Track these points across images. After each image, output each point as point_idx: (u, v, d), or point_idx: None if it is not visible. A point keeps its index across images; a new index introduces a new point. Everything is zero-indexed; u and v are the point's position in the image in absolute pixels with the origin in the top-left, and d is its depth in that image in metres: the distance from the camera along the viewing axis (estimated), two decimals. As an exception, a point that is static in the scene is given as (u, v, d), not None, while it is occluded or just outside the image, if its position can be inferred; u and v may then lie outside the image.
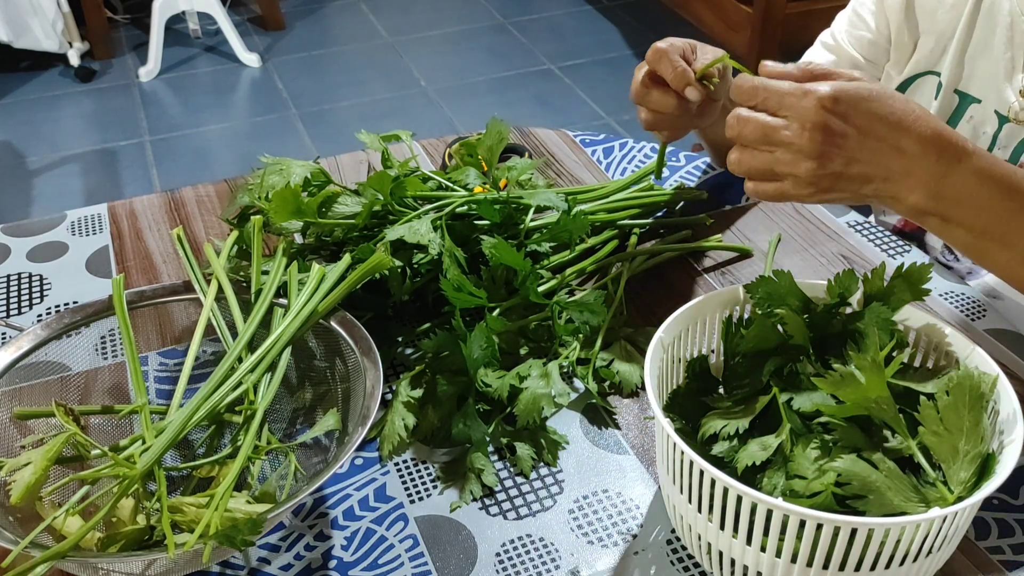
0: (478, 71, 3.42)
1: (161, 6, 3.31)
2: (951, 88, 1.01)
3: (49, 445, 0.67)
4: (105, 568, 0.65)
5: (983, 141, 0.99)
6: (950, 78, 1.01)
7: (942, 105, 1.02)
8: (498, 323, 0.83)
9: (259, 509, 0.65)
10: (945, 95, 1.02)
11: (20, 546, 0.61)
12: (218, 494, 0.64)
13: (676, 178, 1.17)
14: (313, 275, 0.81)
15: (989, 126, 0.99)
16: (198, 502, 0.66)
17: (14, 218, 1.22)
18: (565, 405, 0.85)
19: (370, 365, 0.76)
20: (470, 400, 0.80)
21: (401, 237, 0.86)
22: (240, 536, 0.62)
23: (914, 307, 0.73)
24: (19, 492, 0.64)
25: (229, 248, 0.87)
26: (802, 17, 2.90)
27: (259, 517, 0.63)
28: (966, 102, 1.00)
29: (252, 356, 0.75)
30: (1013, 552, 0.72)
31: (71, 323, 0.80)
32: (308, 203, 0.88)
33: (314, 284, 0.81)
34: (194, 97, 3.28)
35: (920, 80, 1.05)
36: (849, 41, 1.08)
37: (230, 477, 0.66)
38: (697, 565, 0.71)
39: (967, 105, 1.00)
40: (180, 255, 0.85)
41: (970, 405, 0.63)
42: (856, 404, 0.64)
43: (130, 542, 0.67)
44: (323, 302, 0.80)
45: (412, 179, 0.93)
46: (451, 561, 0.72)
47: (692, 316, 0.75)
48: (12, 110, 3.20)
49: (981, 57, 0.98)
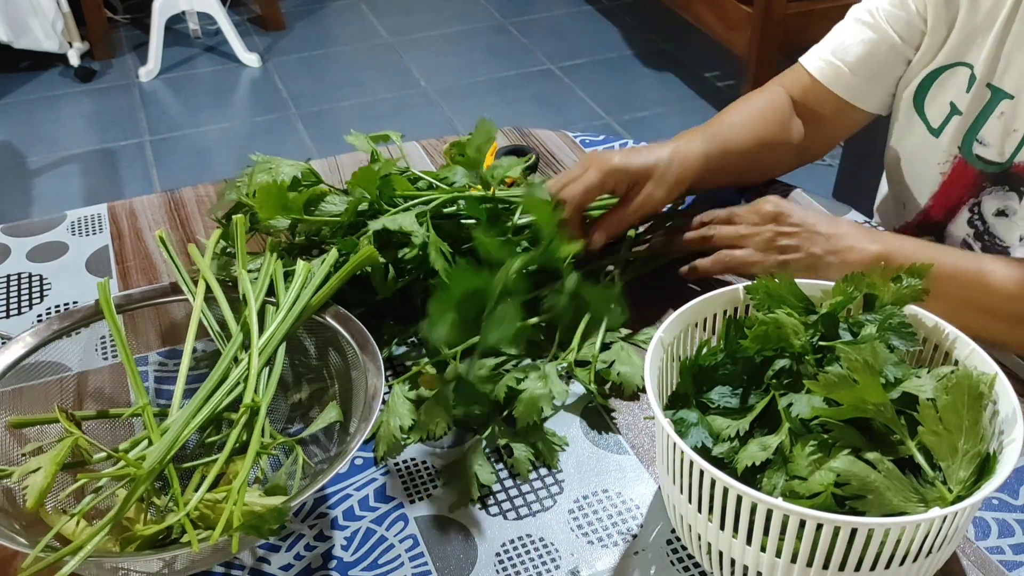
0: (478, 71, 3.42)
1: (161, 6, 3.31)
2: (984, 81, 0.99)
3: (56, 449, 0.67)
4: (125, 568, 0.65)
5: (1013, 138, 0.98)
6: (984, 71, 0.99)
7: (973, 98, 1.00)
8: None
9: (275, 501, 0.65)
10: (978, 88, 0.99)
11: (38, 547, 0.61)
12: (235, 488, 0.64)
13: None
14: (300, 271, 0.81)
15: (1021, 123, 0.97)
16: (212, 498, 0.66)
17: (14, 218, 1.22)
18: (563, 406, 0.85)
19: (369, 359, 0.76)
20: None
21: (384, 227, 0.85)
22: (267, 525, 0.63)
23: (914, 307, 0.73)
24: (34, 496, 0.64)
25: (213, 246, 0.87)
26: (802, 17, 2.90)
27: (283, 505, 0.64)
28: (998, 97, 0.98)
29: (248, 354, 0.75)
30: (1013, 552, 0.72)
31: (60, 329, 0.80)
32: (294, 199, 0.88)
33: (302, 280, 0.81)
34: (194, 97, 3.28)
35: (951, 70, 1.02)
36: (887, 19, 1.05)
37: (245, 470, 0.66)
38: (697, 565, 0.71)
39: (999, 100, 0.98)
40: (165, 257, 0.85)
41: (969, 404, 0.63)
42: (852, 407, 0.64)
43: (146, 543, 0.67)
44: (315, 296, 0.80)
45: (399, 177, 0.93)
46: (451, 561, 0.72)
47: (692, 316, 0.75)
48: (12, 110, 3.20)
49: (1018, 52, 0.96)
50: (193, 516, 0.66)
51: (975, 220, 1.05)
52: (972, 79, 1.00)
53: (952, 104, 1.02)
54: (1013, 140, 0.98)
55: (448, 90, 3.30)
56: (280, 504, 0.64)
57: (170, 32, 3.47)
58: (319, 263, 0.83)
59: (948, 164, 1.05)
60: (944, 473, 0.63)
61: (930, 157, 1.06)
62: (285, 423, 0.81)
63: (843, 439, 0.64)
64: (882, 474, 0.62)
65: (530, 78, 3.37)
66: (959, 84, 1.02)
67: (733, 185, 1.15)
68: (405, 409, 0.81)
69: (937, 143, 1.05)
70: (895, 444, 0.65)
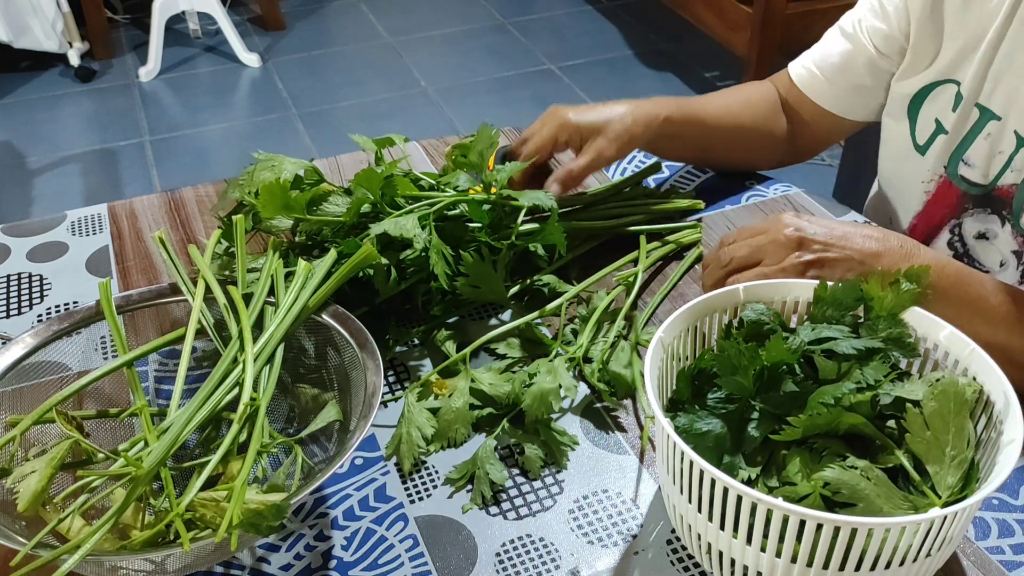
0: (478, 71, 3.42)
1: (161, 6, 3.31)
2: (972, 101, 0.97)
3: (53, 452, 0.67)
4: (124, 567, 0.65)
5: (998, 160, 0.96)
6: (972, 89, 0.96)
7: (960, 117, 0.98)
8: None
9: (274, 498, 0.65)
10: (965, 107, 0.97)
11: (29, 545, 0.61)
12: (236, 486, 0.64)
13: (668, 184, 1.17)
14: (300, 271, 0.81)
15: (1006, 145, 0.95)
16: (212, 497, 0.66)
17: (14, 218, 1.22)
18: (575, 400, 0.85)
19: (369, 358, 0.76)
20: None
21: (386, 232, 0.86)
22: (266, 523, 0.63)
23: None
24: (26, 500, 0.65)
25: (213, 246, 0.87)
26: (802, 17, 2.90)
27: (283, 503, 0.64)
28: (986, 117, 0.96)
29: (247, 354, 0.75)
30: (1013, 552, 0.72)
31: (60, 330, 0.80)
32: (296, 198, 0.88)
33: (302, 280, 0.80)
34: (194, 97, 3.28)
35: (940, 88, 1.00)
36: (868, 31, 1.04)
37: (246, 469, 0.66)
38: (697, 565, 0.71)
39: (986, 120, 0.96)
40: (164, 258, 0.85)
41: (955, 411, 0.64)
42: (829, 423, 0.65)
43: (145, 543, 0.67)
44: (313, 296, 0.80)
45: (402, 179, 0.92)
46: (451, 561, 0.72)
47: (692, 316, 0.75)
48: (12, 110, 3.20)
49: (1006, 73, 0.93)
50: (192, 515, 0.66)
51: (955, 242, 1.04)
52: (959, 97, 0.98)
53: (937, 121, 1.01)
54: (998, 162, 0.96)
55: (448, 90, 3.30)
56: (279, 501, 0.64)
57: (170, 32, 3.47)
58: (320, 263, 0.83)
59: (933, 183, 1.03)
60: (932, 479, 0.63)
61: (915, 174, 1.05)
62: (285, 423, 0.81)
63: (831, 448, 0.65)
64: (872, 482, 0.62)
65: (530, 78, 3.37)
66: (945, 101, 1.00)
67: (710, 165, 1.16)
68: (424, 418, 0.81)
69: (923, 161, 1.03)
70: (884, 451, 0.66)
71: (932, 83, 1.01)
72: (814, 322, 0.73)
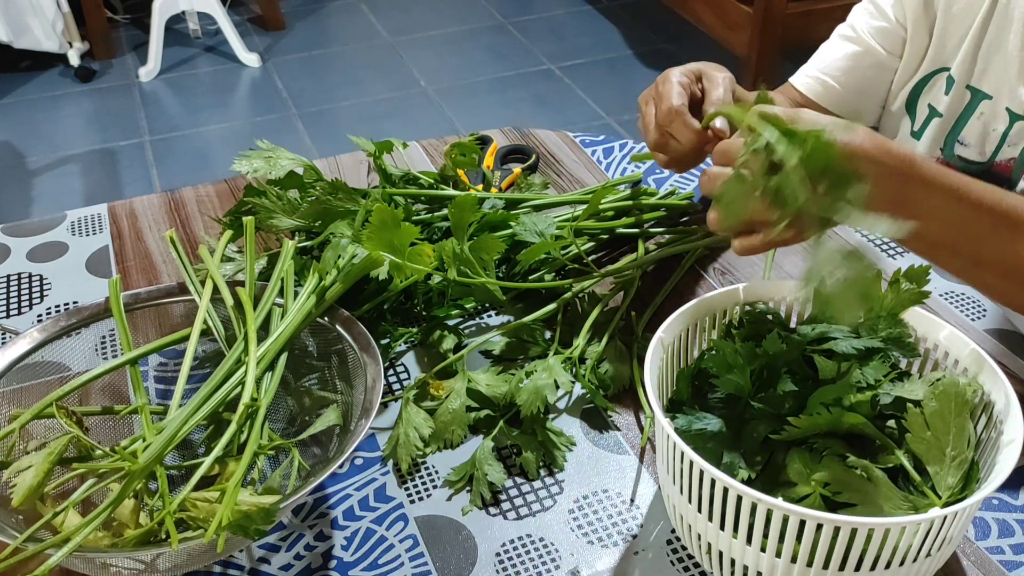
0: (478, 71, 3.42)
1: (161, 6, 3.31)
2: (963, 83, 1.01)
3: (51, 447, 0.67)
4: (116, 566, 0.65)
5: (992, 138, 0.99)
6: (963, 73, 1.00)
7: (953, 100, 1.02)
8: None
9: (266, 501, 0.65)
10: (957, 90, 1.01)
11: (19, 539, 0.61)
12: (229, 487, 0.64)
13: (669, 184, 1.17)
14: (311, 277, 0.81)
15: (1000, 123, 0.98)
16: (205, 497, 0.66)
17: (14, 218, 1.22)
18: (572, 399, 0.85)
19: (370, 360, 0.76)
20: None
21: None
22: (253, 526, 0.62)
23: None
24: (21, 494, 0.65)
25: (223, 248, 0.87)
26: (802, 17, 2.90)
27: (272, 507, 0.64)
28: (977, 98, 1.00)
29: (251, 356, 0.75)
30: (1013, 552, 0.72)
31: (67, 326, 0.80)
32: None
33: (313, 284, 0.81)
34: (194, 97, 3.28)
35: (933, 79, 1.04)
36: (869, 32, 1.07)
37: (240, 470, 0.66)
38: (697, 565, 0.71)
39: (978, 101, 1.00)
40: (174, 257, 0.85)
41: (955, 411, 0.64)
42: (830, 423, 0.65)
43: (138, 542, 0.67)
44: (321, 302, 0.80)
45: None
46: (451, 561, 0.72)
47: (692, 316, 0.75)
48: (12, 110, 3.19)
49: (995, 54, 0.98)
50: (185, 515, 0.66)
51: None
52: (950, 80, 1.02)
53: (931, 107, 1.04)
54: (993, 139, 0.99)
55: (448, 90, 3.30)
56: (269, 505, 0.64)
57: (170, 32, 3.47)
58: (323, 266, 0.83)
59: None
60: (932, 479, 0.63)
61: None
62: (286, 423, 0.81)
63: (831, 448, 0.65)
64: (872, 482, 0.62)
65: (530, 78, 3.37)
66: (938, 87, 1.04)
67: None
68: (421, 418, 0.81)
69: (917, 146, 1.06)
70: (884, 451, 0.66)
71: (926, 75, 1.05)
72: (814, 321, 0.73)
